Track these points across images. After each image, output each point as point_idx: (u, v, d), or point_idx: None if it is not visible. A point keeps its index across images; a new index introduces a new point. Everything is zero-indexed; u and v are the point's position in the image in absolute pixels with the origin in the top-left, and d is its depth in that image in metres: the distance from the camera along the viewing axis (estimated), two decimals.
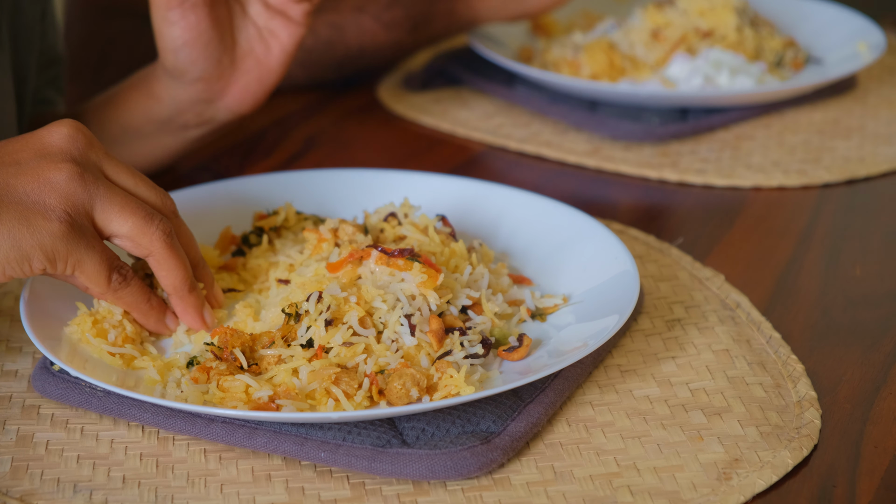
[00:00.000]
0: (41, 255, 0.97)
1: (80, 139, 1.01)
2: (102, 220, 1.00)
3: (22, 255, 0.97)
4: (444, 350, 1.02)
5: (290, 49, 1.28)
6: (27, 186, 0.97)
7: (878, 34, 1.67)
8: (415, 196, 1.23)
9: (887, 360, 1.09)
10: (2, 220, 0.96)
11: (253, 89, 1.30)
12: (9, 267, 0.97)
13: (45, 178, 0.98)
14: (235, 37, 1.28)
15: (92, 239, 0.99)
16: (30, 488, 0.93)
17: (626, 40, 1.63)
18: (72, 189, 0.98)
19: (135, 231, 1.01)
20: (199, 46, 1.25)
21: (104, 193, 1.00)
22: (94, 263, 0.99)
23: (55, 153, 1.00)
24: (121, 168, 1.03)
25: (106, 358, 1.03)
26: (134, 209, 1.01)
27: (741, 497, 0.93)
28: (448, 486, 0.93)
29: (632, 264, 1.11)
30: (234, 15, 1.28)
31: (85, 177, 0.99)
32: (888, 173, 1.45)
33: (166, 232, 1.02)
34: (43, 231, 0.97)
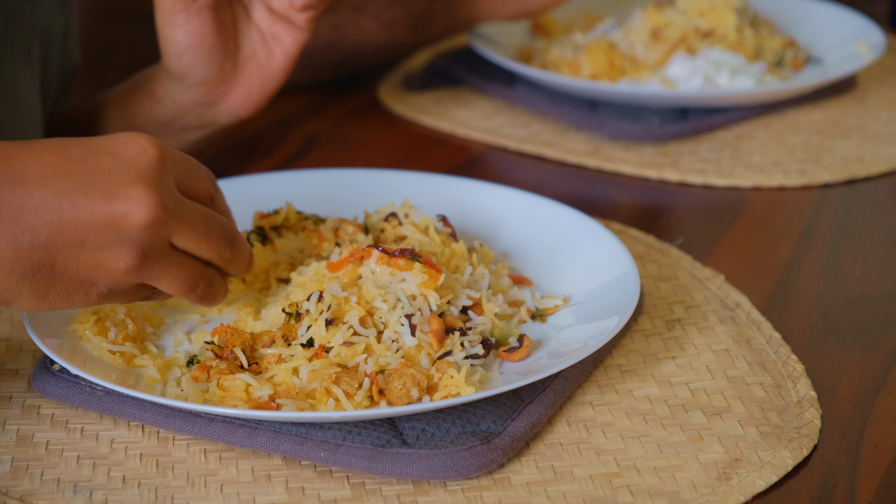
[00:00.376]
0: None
1: (156, 223, 0.94)
2: (155, 285, 0.98)
3: (57, 313, 0.98)
4: (445, 350, 1.02)
5: (293, 54, 1.28)
6: (83, 272, 0.94)
7: (878, 34, 1.67)
8: (415, 196, 1.23)
9: (887, 360, 1.09)
10: (46, 299, 0.94)
11: (255, 93, 1.30)
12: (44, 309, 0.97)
13: (103, 266, 0.94)
14: (239, 41, 1.28)
15: (129, 298, 0.98)
16: (30, 488, 0.93)
17: (626, 40, 1.63)
18: (126, 276, 0.95)
19: (179, 294, 0.99)
20: (203, 51, 1.25)
21: (158, 273, 0.96)
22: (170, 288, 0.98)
23: (125, 241, 0.93)
24: (188, 234, 0.97)
25: (106, 356, 1.03)
26: (181, 284, 0.97)
27: (741, 497, 0.93)
28: (448, 486, 0.93)
29: (632, 265, 1.11)
30: (237, 19, 1.27)
31: (144, 266, 0.95)
32: (888, 173, 1.45)
33: (201, 296, 0.99)
34: (81, 303, 0.95)
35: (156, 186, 0.94)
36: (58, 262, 0.93)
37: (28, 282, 0.93)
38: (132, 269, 0.94)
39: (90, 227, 0.93)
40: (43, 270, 0.93)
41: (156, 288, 0.99)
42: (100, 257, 0.94)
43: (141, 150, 0.95)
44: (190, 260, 0.98)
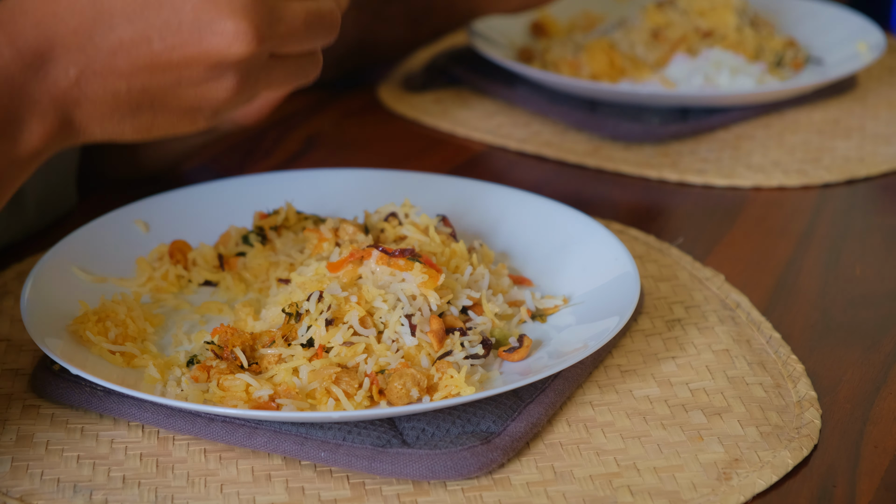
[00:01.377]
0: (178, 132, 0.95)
1: (252, 45, 0.91)
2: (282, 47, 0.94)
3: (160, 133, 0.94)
4: (445, 350, 1.02)
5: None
6: (186, 103, 0.92)
7: (878, 34, 1.67)
8: (415, 196, 1.23)
9: (887, 360, 1.09)
10: (151, 131, 0.93)
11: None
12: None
13: (205, 97, 0.92)
14: None
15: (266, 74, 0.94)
16: (30, 488, 0.93)
17: (626, 40, 1.63)
18: (225, 102, 0.93)
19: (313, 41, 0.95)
20: None
21: (262, 87, 0.94)
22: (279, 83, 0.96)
23: (225, 69, 0.91)
24: (291, 45, 0.94)
25: (106, 356, 1.03)
26: (285, 82, 0.95)
27: (741, 497, 0.93)
28: (448, 486, 0.93)
29: (632, 265, 1.11)
30: None
31: (245, 88, 0.93)
32: (888, 173, 1.45)
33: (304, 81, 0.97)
34: (184, 129, 0.94)
35: (246, 13, 0.91)
36: (157, 101, 0.92)
37: (129, 121, 0.92)
38: (234, 94, 0.92)
39: (185, 65, 0.91)
40: (143, 109, 0.92)
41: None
42: (200, 90, 0.92)
43: None
44: (291, 60, 0.95)
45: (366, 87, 1.67)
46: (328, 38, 0.96)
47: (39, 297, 1.06)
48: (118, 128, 0.92)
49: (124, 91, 0.91)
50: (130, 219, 1.20)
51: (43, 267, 1.10)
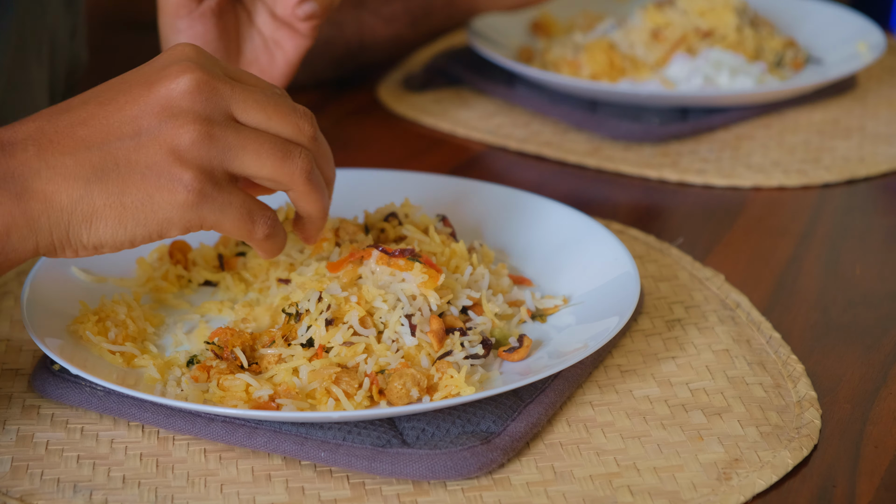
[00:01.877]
0: (170, 228, 0.93)
1: (203, 89, 0.93)
2: (238, 167, 0.94)
3: (149, 231, 0.93)
4: (445, 350, 1.02)
5: (295, 61, 1.27)
6: (150, 159, 0.92)
7: (878, 34, 1.67)
8: (415, 196, 1.23)
9: (887, 360, 1.09)
10: (124, 205, 0.92)
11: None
12: (137, 240, 0.94)
13: (171, 144, 0.91)
14: (241, 46, 1.27)
15: (226, 196, 0.94)
16: (30, 488, 0.93)
17: (626, 40, 1.63)
18: (198, 152, 0.92)
19: (274, 172, 0.95)
20: None
21: (235, 141, 0.93)
22: (232, 220, 0.94)
23: (178, 112, 0.92)
24: (250, 104, 0.95)
25: (106, 356, 1.03)
26: (270, 150, 0.94)
27: (741, 497, 0.93)
28: (448, 486, 0.93)
29: (632, 265, 1.11)
30: (240, 24, 1.27)
31: (212, 133, 0.92)
32: (888, 173, 1.45)
33: (306, 168, 0.96)
34: (169, 207, 0.92)
35: (196, 60, 0.94)
36: (120, 156, 0.92)
37: (97, 186, 0.91)
38: (199, 140, 0.92)
39: (139, 114, 0.92)
40: (108, 170, 0.92)
41: (243, 180, 0.96)
42: (161, 138, 0.92)
43: (179, 48, 0.96)
44: (265, 137, 0.95)
45: (366, 87, 1.67)
46: (302, 120, 0.97)
47: (39, 297, 1.06)
48: (87, 196, 0.92)
49: (83, 153, 0.92)
50: None
51: (43, 267, 1.10)
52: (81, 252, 0.95)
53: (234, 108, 0.95)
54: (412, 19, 1.63)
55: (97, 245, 0.94)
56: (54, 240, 0.94)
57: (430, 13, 1.63)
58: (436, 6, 1.62)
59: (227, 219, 0.94)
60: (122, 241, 0.94)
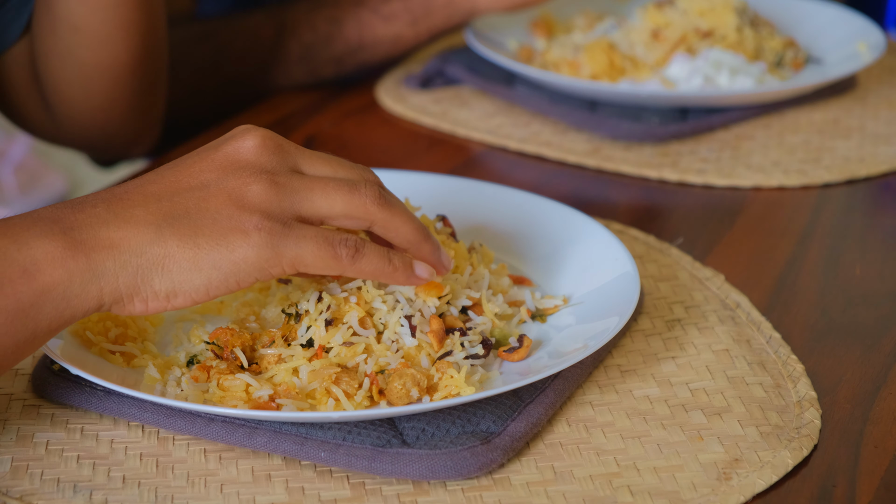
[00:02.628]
0: (248, 270, 0.92)
1: (267, 145, 0.95)
2: (308, 210, 0.95)
3: (225, 275, 0.92)
4: (445, 350, 1.02)
5: None
6: (219, 206, 0.92)
7: (878, 34, 1.67)
8: (415, 196, 1.23)
9: (887, 360, 1.09)
10: (199, 245, 0.91)
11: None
12: (212, 288, 0.93)
13: (238, 194, 0.93)
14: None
15: (300, 230, 0.93)
16: (30, 488, 0.93)
17: (626, 40, 1.63)
18: (266, 196, 0.93)
19: (346, 206, 0.96)
20: None
21: (301, 186, 0.94)
22: (312, 251, 0.94)
23: (244, 166, 0.94)
24: (315, 158, 0.97)
25: (106, 356, 1.03)
26: (336, 186, 0.95)
27: (741, 497, 0.93)
28: (448, 486, 0.93)
29: (632, 265, 1.11)
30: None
31: (278, 181, 0.94)
32: (888, 173, 1.45)
33: (376, 194, 0.96)
34: (244, 247, 0.92)
35: (262, 128, 0.96)
36: (190, 205, 0.92)
37: (169, 230, 0.91)
38: (265, 190, 0.93)
39: (206, 169, 0.94)
40: (178, 216, 0.92)
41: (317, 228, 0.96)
42: (227, 188, 0.93)
43: (243, 126, 0.98)
44: (330, 178, 0.96)
45: (365, 87, 1.67)
46: (353, 172, 0.98)
47: None
48: (161, 239, 0.91)
49: (154, 202, 0.92)
50: None
51: None
52: (152, 303, 0.92)
53: (300, 163, 0.96)
54: (412, 18, 1.63)
55: (170, 292, 0.92)
56: (121, 286, 0.91)
57: (429, 12, 1.63)
58: (435, 6, 1.62)
59: (305, 251, 0.93)
60: (198, 287, 0.92)
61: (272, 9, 1.68)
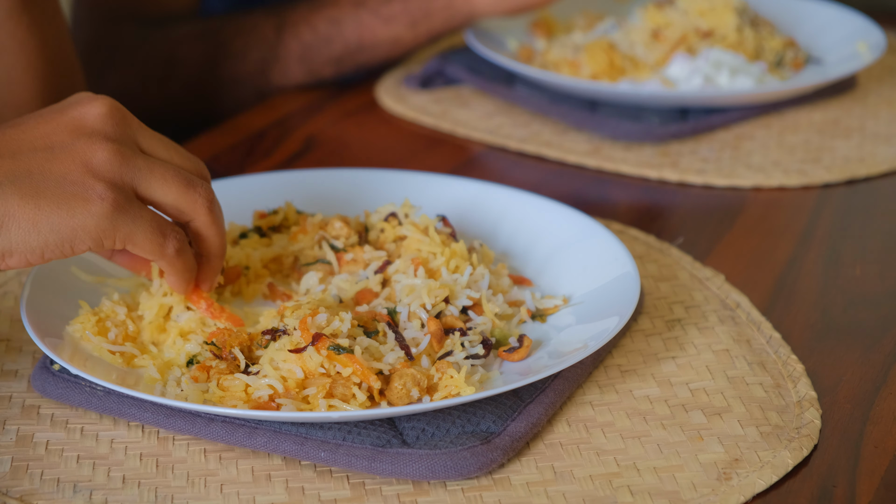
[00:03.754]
0: (85, 237, 0.94)
1: (114, 115, 0.98)
2: (145, 190, 0.97)
3: (62, 239, 0.94)
4: (445, 350, 1.02)
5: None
6: (65, 170, 0.94)
7: (878, 34, 1.67)
8: (415, 196, 1.23)
9: (887, 360, 1.09)
10: (40, 206, 0.93)
11: None
12: (48, 251, 0.94)
13: (83, 159, 0.95)
14: None
15: (138, 209, 0.96)
16: (30, 488, 0.93)
17: (626, 40, 1.63)
18: (111, 167, 0.95)
19: (179, 199, 0.99)
20: None
21: (144, 165, 0.97)
22: (145, 234, 0.96)
23: (90, 132, 0.96)
24: (155, 140, 1.00)
25: (106, 356, 1.03)
26: (175, 177, 0.98)
27: (741, 497, 0.93)
28: (448, 486, 0.93)
29: (632, 265, 1.11)
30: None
31: (124, 152, 0.96)
32: (888, 173, 1.45)
33: (209, 198, 1.00)
34: (84, 214, 0.94)
35: (107, 99, 0.98)
36: (33, 166, 0.94)
37: (10, 188, 0.92)
38: (111, 158, 0.95)
39: (52, 132, 0.96)
40: (21, 176, 0.93)
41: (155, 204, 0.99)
42: (74, 153, 0.95)
43: (89, 93, 1.00)
44: (170, 166, 0.98)
45: (365, 87, 1.67)
46: (189, 163, 1.01)
47: (39, 297, 1.06)
48: (1, 199, 0.92)
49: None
50: None
51: (43, 267, 1.09)
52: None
53: (140, 140, 0.99)
54: (411, 20, 1.63)
55: (6, 251, 0.94)
56: None
57: (429, 15, 1.63)
58: (435, 8, 1.63)
59: (139, 231, 0.96)
60: (34, 248, 0.94)
61: (272, 7, 1.69)
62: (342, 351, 0.97)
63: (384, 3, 1.63)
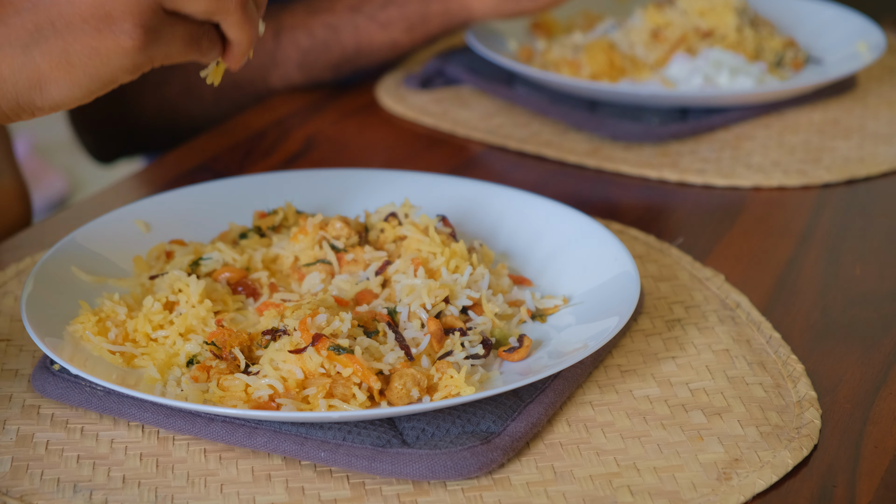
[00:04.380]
0: (123, 75, 0.92)
1: None
2: (172, 5, 0.93)
3: (103, 83, 0.93)
4: (445, 350, 1.02)
5: None
6: (85, 13, 0.91)
7: (878, 34, 1.67)
8: (415, 196, 1.23)
9: (887, 360, 1.09)
10: (72, 63, 0.91)
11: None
12: (93, 94, 0.93)
13: (104, 7, 0.90)
14: None
15: (168, 31, 0.93)
16: (30, 488, 0.93)
17: (626, 40, 1.63)
18: (137, 5, 0.91)
19: (209, 7, 0.94)
20: None
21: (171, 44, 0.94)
22: (180, 51, 0.94)
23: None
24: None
25: (106, 356, 1.03)
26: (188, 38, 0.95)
27: (741, 497, 0.93)
28: (448, 486, 0.93)
29: (632, 265, 1.11)
30: None
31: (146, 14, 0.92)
32: (888, 173, 1.45)
33: (240, 2, 0.96)
34: (117, 55, 0.92)
35: None
36: (53, 15, 0.91)
37: (37, 49, 0.91)
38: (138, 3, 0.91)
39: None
40: (44, 31, 0.91)
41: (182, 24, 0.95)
42: (99, 6, 0.91)
43: None
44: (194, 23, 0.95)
45: (365, 87, 1.67)
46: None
47: (39, 297, 1.06)
48: (29, 61, 0.90)
49: (13, 19, 0.90)
50: (131, 219, 1.20)
51: (43, 267, 1.10)
52: (39, 114, 0.93)
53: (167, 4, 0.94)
54: (408, 25, 1.63)
55: (53, 106, 0.93)
56: (5, 109, 0.92)
57: (426, 20, 1.63)
58: (432, 13, 1.63)
59: (174, 50, 0.94)
60: (79, 97, 0.93)
61: (269, 11, 1.68)
62: (342, 351, 0.97)
63: (381, 7, 1.64)
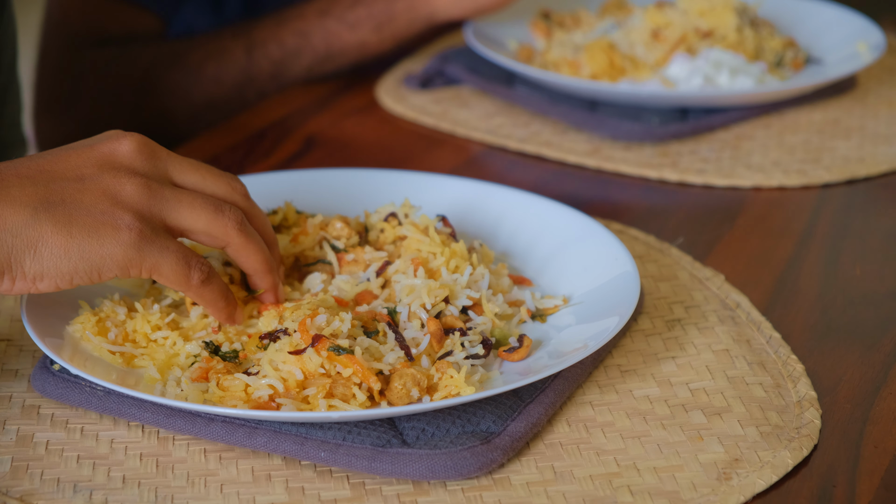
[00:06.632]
0: (112, 265, 0.97)
1: (143, 150, 1.01)
2: (174, 220, 1.00)
3: (90, 266, 0.96)
4: (445, 350, 1.02)
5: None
6: (95, 201, 0.97)
7: (878, 34, 1.67)
8: (415, 196, 1.23)
9: (887, 360, 1.09)
10: (72, 234, 0.96)
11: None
12: (77, 276, 0.97)
13: (112, 191, 0.98)
14: None
15: (165, 241, 0.99)
16: (30, 488, 0.93)
17: (626, 40, 1.63)
18: (139, 199, 0.98)
19: (208, 225, 1.01)
20: None
21: (171, 196, 1.00)
22: (170, 264, 0.99)
23: (119, 166, 0.99)
24: (185, 167, 1.03)
25: (106, 356, 1.03)
26: (203, 204, 1.01)
27: (741, 497, 0.93)
28: (448, 486, 0.93)
29: (632, 265, 1.11)
30: None
31: (151, 185, 0.99)
32: (888, 173, 1.45)
33: (238, 220, 1.02)
34: (112, 242, 0.96)
35: (136, 134, 1.01)
36: (66, 194, 0.97)
37: (45, 214, 0.95)
38: (138, 191, 0.98)
39: (82, 164, 0.99)
40: (54, 202, 0.96)
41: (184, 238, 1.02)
42: (103, 183, 0.98)
43: (118, 131, 1.03)
44: (198, 194, 1.01)
45: (365, 87, 1.68)
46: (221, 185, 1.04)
47: (39, 297, 1.06)
48: (36, 222, 0.95)
49: (29, 186, 0.96)
50: None
51: None
52: (19, 282, 0.96)
53: (171, 171, 1.02)
54: (376, 24, 1.65)
55: (37, 275, 0.96)
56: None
57: (392, 18, 1.65)
58: (397, 11, 1.65)
59: (165, 262, 0.98)
60: (64, 273, 0.96)
61: (239, 26, 1.70)
62: (342, 351, 0.97)
63: (349, 8, 1.66)
